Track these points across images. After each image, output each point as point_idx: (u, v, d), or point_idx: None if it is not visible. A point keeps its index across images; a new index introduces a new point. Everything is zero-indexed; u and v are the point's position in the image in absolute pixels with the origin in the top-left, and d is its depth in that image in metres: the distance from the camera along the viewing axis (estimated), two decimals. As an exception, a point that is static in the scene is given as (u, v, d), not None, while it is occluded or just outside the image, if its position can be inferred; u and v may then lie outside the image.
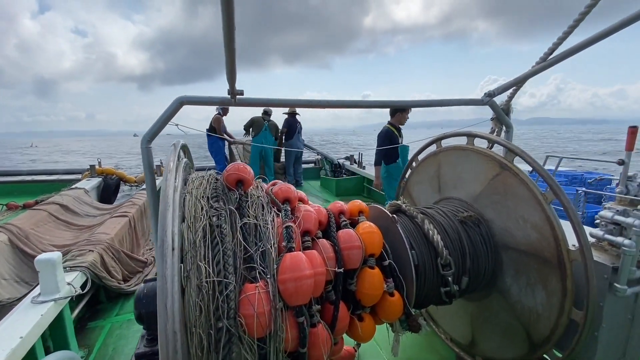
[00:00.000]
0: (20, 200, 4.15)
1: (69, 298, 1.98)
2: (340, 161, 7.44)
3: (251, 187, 1.20)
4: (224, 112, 6.27)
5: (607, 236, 1.18)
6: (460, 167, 1.70)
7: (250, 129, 6.70)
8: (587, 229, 1.34)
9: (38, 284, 1.88)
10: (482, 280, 1.50)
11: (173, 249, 0.79)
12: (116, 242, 2.92)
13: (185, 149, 1.32)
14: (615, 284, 1.13)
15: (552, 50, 1.38)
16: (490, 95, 1.72)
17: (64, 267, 2.28)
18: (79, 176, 5.07)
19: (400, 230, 1.38)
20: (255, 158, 6.57)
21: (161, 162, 5.11)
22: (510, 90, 1.73)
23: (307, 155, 8.56)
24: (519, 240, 1.37)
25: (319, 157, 8.21)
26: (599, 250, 1.27)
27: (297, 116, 6.96)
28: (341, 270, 1.12)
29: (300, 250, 1.04)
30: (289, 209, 1.12)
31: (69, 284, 2.03)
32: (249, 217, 1.03)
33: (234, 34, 0.88)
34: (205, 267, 0.87)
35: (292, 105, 1.63)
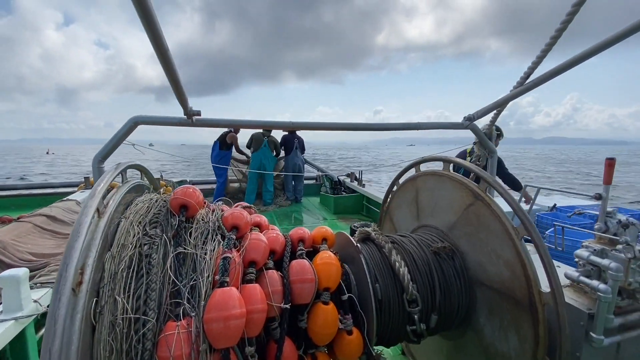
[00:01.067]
0: (15, 214, 4.17)
1: (34, 317, 1.92)
2: (341, 178, 7.37)
3: (201, 212, 1.14)
4: (236, 130, 6.31)
5: (582, 278, 1.07)
6: (437, 193, 1.61)
7: (251, 146, 6.75)
8: (565, 269, 1.23)
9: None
10: (454, 319, 1.39)
11: (80, 283, 0.73)
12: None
13: (140, 169, 1.28)
14: (591, 333, 1.02)
15: (527, 75, 1.32)
16: (470, 119, 1.65)
17: (36, 283, 2.24)
18: (75, 189, 5.10)
19: (364, 261, 1.29)
20: (252, 176, 6.57)
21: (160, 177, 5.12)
22: (492, 114, 1.66)
23: (310, 171, 8.54)
24: (492, 277, 1.26)
25: (320, 173, 8.16)
26: (577, 293, 1.15)
27: (296, 132, 6.97)
28: (287, 306, 1.04)
29: (239, 284, 0.96)
30: (234, 237, 1.05)
31: (35, 301, 1.97)
32: (186, 246, 0.97)
33: (170, 56, 0.84)
34: (122, 302, 0.80)
35: (255, 126, 1.59)
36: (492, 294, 1.26)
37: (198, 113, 1.23)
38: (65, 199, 4.10)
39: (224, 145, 6.36)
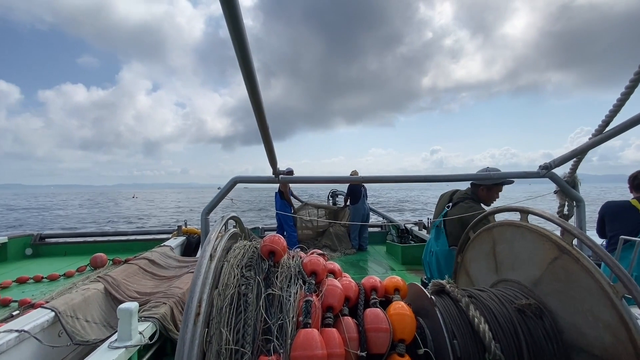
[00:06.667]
0: (124, 256, 5.00)
1: (138, 347, 2.22)
2: (408, 226, 7.15)
3: (284, 258, 1.29)
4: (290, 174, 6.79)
5: None
6: (517, 245, 1.54)
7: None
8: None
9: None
10: (549, 389, 1.24)
11: (198, 314, 0.90)
12: (187, 296, 3.22)
13: (236, 219, 1.52)
14: None
15: (607, 121, 1.27)
16: (547, 167, 1.60)
17: (140, 317, 2.60)
18: (169, 235, 6.01)
19: (439, 315, 1.28)
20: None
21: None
22: (572, 162, 1.58)
23: (373, 218, 8.47)
24: (591, 341, 1.13)
25: (385, 221, 8.03)
26: None
27: None
28: (364, 354, 1.08)
29: (319, 327, 1.05)
30: (313, 282, 1.17)
31: (140, 333, 2.28)
32: (274, 288, 1.11)
33: (268, 130, 1.07)
34: (226, 334, 0.95)
35: (330, 181, 1.76)
36: (593, 362, 1.12)
37: (283, 172, 1.46)
38: (162, 244, 4.82)
39: (283, 195, 6.78)
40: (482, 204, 2.87)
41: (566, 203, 1.80)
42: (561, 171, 1.72)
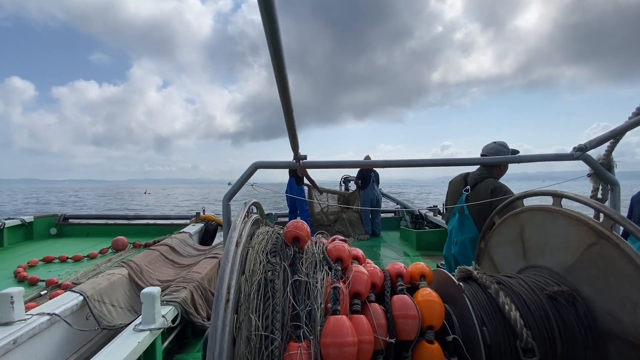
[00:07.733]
0: (143, 240, 5.12)
1: (162, 329, 2.28)
2: (422, 212, 7.07)
3: (308, 244, 1.27)
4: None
5: None
6: (548, 230, 1.48)
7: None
8: None
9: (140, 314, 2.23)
10: (582, 377, 1.20)
11: (228, 301, 0.90)
12: (205, 281, 3.29)
13: (257, 205, 1.50)
14: None
15: (651, 101, 1.18)
16: (582, 149, 1.52)
17: (162, 301, 2.67)
18: (187, 221, 6.10)
19: (468, 302, 1.24)
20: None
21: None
22: (608, 143, 1.49)
23: (386, 204, 8.42)
24: (628, 329, 1.09)
25: (398, 206, 7.97)
26: None
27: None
28: (393, 340, 1.06)
29: (347, 314, 1.04)
30: (340, 268, 1.15)
31: (163, 316, 2.34)
32: (300, 274, 1.10)
33: (293, 113, 1.03)
34: (255, 320, 0.95)
35: (351, 165, 1.72)
36: (629, 350, 1.08)
37: (305, 157, 1.42)
38: (181, 231, 4.91)
39: (300, 181, 6.77)
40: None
41: (600, 187, 1.72)
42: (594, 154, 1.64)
